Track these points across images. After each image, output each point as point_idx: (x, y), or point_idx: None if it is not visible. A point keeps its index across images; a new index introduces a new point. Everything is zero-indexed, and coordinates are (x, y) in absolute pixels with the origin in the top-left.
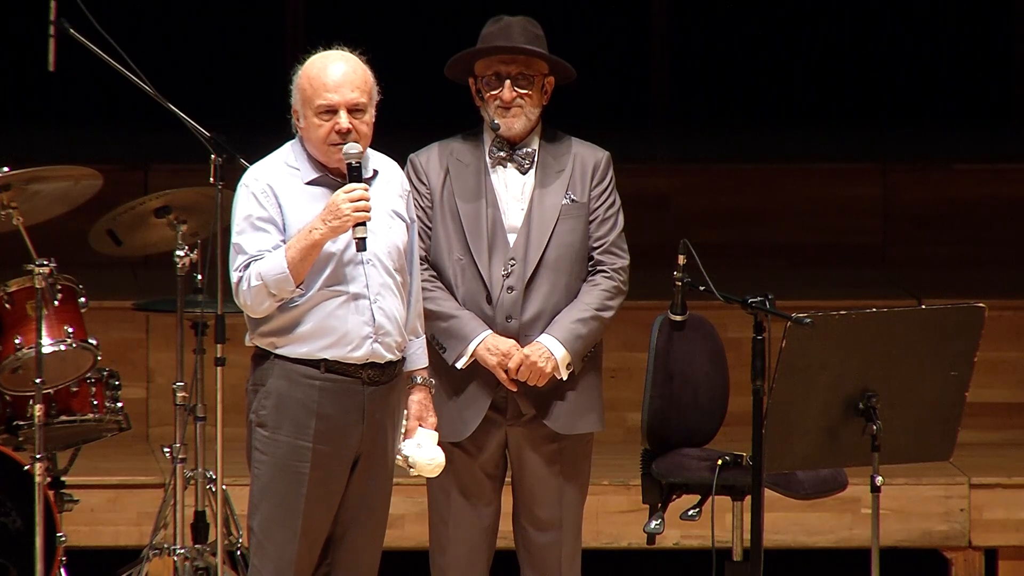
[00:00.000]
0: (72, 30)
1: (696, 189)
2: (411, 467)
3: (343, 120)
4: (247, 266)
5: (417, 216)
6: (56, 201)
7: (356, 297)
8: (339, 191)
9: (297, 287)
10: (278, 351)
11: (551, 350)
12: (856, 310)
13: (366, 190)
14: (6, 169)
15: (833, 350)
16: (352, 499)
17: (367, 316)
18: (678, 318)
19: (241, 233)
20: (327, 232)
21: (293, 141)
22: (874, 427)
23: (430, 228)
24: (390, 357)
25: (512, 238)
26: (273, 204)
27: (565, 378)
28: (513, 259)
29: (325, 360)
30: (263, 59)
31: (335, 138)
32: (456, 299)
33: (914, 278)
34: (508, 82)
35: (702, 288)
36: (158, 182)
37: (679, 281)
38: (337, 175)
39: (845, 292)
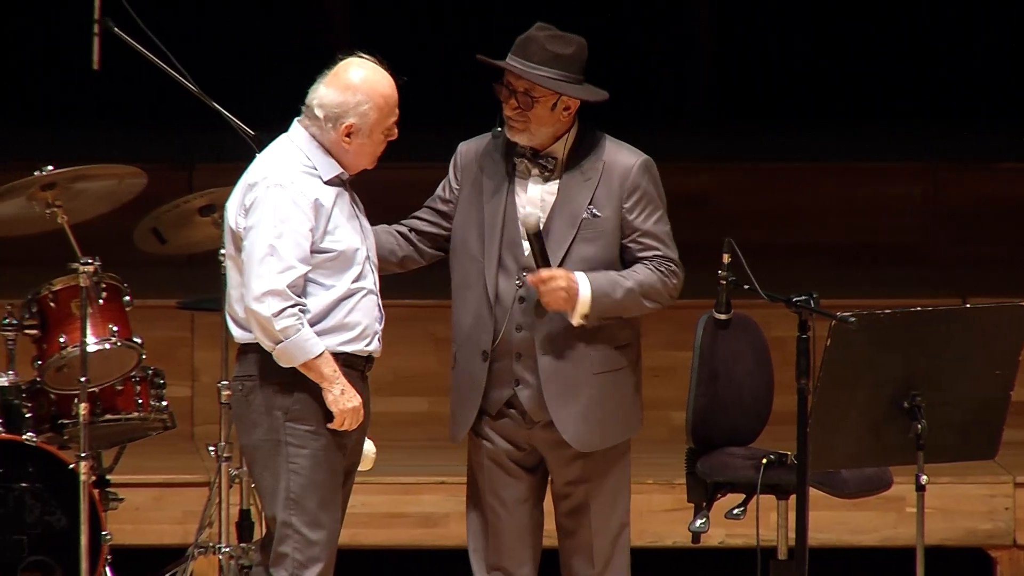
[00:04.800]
0: (116, 29)
1: (740, 187)
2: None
3: (396, 129)
4: (296, 302)
5: (437, 207)
6: (101, 200)
7: (371, 292)
8: (359, 409)
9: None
10: None
11: (580, 288)
12: (901, 309)
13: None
14: (51, 168)
15: (878, 349)
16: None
17: (377, 312)
18: (722, 317)
19: (280, 237)
20: (329, 387)
21: (294, 141)
22: (919, 426)
23: (448, 218)
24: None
25: (527, 247)
26: (311, 208)
27: (575, 324)
28: (526, 269)
29: (344, 354)
30: (306, 57)
31: (384, 146)
32: (469, 300)
33: (959, 277)
34: (513, 100)
35: (747, 287)
36: (202, 181)
37: (724, 280)
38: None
39: (890, 291)
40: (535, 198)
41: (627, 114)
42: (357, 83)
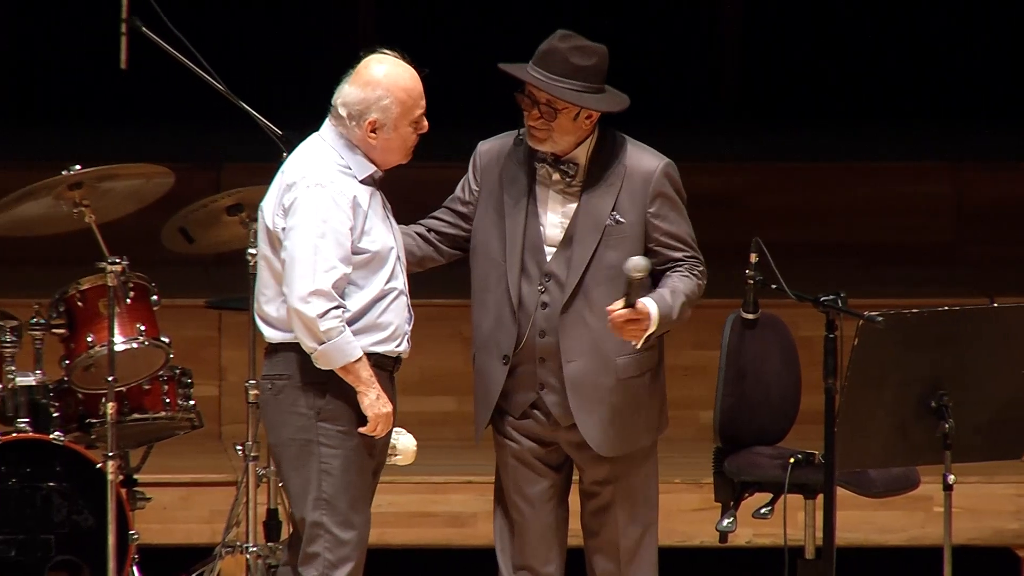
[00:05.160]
0: (144, 28)
1: (767, 187)
2: (396, 455)
3: (425, 121)
4: (339, 304)
5: (456, 208)
6: (128, 199)
7: (401, 293)
8: (389, 418)
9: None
10: None
11: (650, 311)
12: (928, 309)
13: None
14: (78, 167)
15: (905, 349)
16: None
17: (407, 312)
18: (750, 316)
19: (323, 237)
20: (365, 392)
21: (325, 141)
22: (946, 425)
23: (468, 219)
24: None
25: (550, 251)
26: (351, 208)
27: (638, 347)
28: (548, 275)
29: (375, 354)
30: (334, 57)
31: (415, 140)
32: (489, 303)
33: (986, 276)
34: (535, 110)
35: (774, 286)
36: (230, 180)
37: (751, 279)
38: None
39: (917, 290)
40: (557, 205)
41: (655, 114)
42: (377, 78)
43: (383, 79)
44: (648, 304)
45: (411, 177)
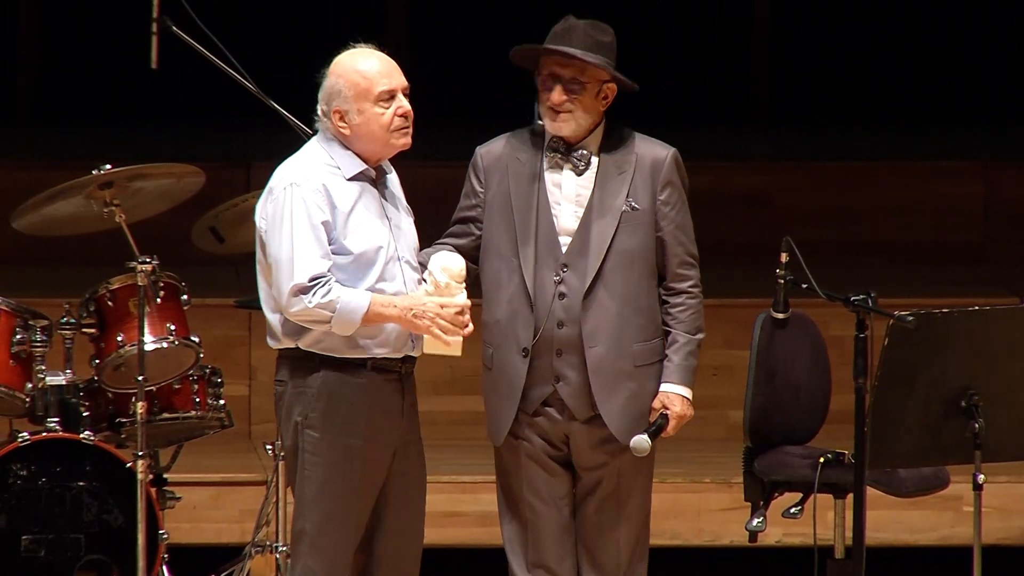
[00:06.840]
0: (174, 27)
1: (797, 186)
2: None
3: (405, 102)
4: (320, 281)
5: (465, 215)
6: (158, 198)
7: (399, 294)
8: (438, 304)
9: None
10: (323, 352)
11: (686, 397)
12: (958, 308)
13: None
14: (109, 166)
15: (935, 348)
16: (391, 491)
17: None
18: (780, 316)
19: (296, 235)
20: (403, 322)
21: (317, 141)
22: (976, 425)
23: (480, 224)
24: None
25: (565, 242)
26: (327, 205)
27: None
28: (566, 265)
29: (372, 358)
30: None
31: (399, 122)
32: (502, 299)
33: (1016, 276)
34: (559, 86)
35: (804, 286)
36: (260, 179)
37: (781, 279)
38: (375, 167)
39: (946, 290)
40: (570, 194)
41: (686, 114)
42: (333, 68)
43: (336, 67)
44: (677, 390)
45: (446, 177)
